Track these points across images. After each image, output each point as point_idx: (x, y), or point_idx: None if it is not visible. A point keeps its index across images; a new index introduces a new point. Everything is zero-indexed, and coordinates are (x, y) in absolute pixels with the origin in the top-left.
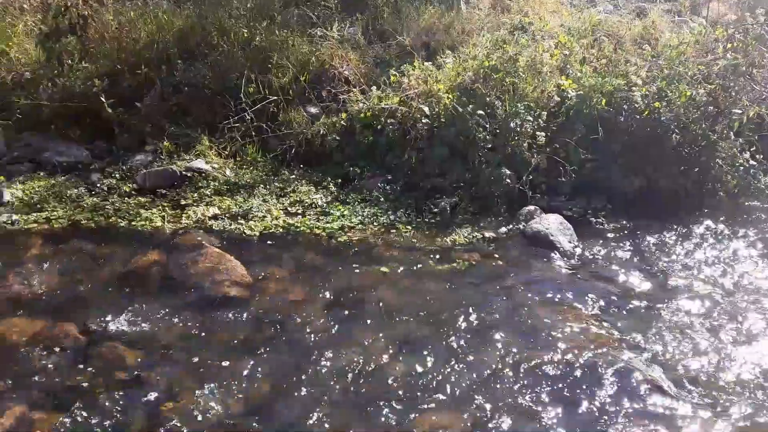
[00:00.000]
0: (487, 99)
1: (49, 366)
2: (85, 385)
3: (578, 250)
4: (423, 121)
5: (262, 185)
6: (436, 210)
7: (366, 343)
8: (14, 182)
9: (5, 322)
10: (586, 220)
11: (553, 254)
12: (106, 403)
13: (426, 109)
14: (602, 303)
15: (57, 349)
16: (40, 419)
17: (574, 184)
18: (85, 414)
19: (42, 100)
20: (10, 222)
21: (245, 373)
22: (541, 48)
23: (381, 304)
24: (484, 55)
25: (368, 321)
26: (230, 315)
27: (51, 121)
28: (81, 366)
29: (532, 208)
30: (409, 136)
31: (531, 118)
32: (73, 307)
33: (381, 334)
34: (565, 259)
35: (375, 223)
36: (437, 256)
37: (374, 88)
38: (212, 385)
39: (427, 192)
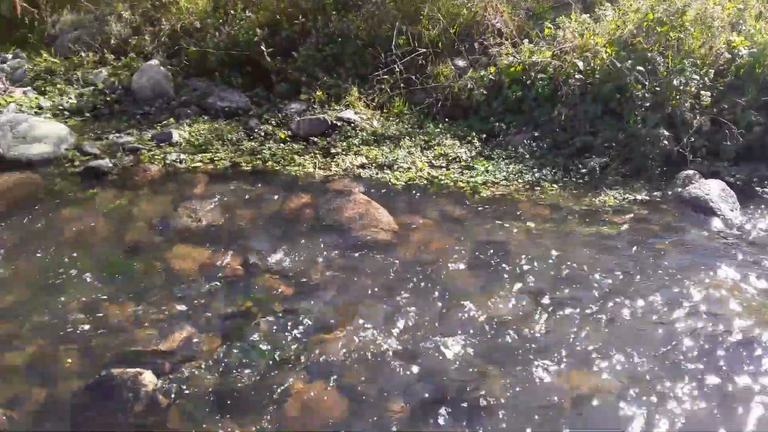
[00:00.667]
0: (648, 54)
1: (214, 292)
2: (245, 312)
3: (740, 220)
4: (576, 76)
5: (407, 137)
6: (584, 170)
7: (507, 297)
8: (182, 124)
9: (176, 250)
10: (750, 188)
11: (711, 222)
12: (264, 331)
13: (580, 63)
14: (764, 278)
15: (220, 277)
16: (205, 341)
17: (740, 149)
18: (244, 339)
19: (208, 47)
20: (178, 160)
21: (390, 314)
22: (713, 1)
23: (523, 259)
24: (648, 8)
25: (510, 275)
26: (377, 258)
27: (215, 69)
28: (241, 294)
29: (690, 172)
30: (560, 92)
31: (697, 77)
32: (234, 240)
33: (522, 289)
34: (726, 228)
35: (519, 180)
36: (584, 217)
37: (526, 41)
38: (360, 322)
39: (576, 150)
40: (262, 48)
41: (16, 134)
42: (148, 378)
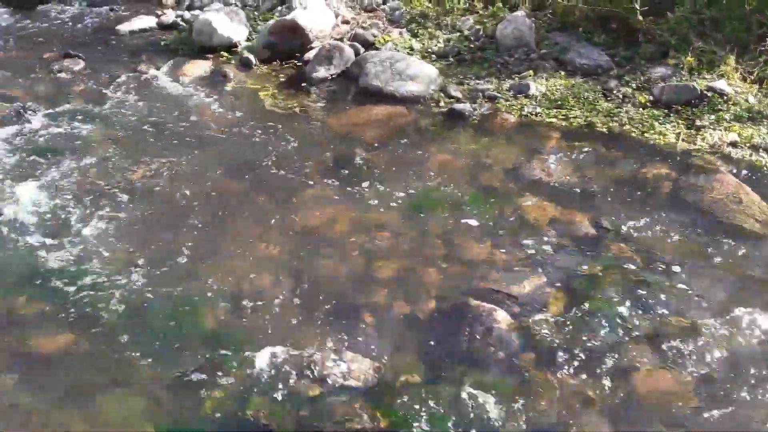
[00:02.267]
0: None
1: (563, 248)
2: (593, 275)
3: None
4: None
5: None
6: None
7: None
8: (540, 77)
9: (527, 200)
10: None
11: None
12: (613, 299)
13: None
14: None
15: (569, 235)
16: (553, 294)
17: None
18: (592, 302)
19: (577, 2)
20: (534, 113)
21: (758, 317)
22: None
23: None
24: None
25: None
26: (742, 249)
27: (578, 24)
28: (590, 257)
29: None
30: None
31: None
32: (585, 200)
33: None
34: None
35: None
36: None
37: None
38: (719, 314)
39: None
40: (635, 5)
41: (394, 71)
42: (502, 317)
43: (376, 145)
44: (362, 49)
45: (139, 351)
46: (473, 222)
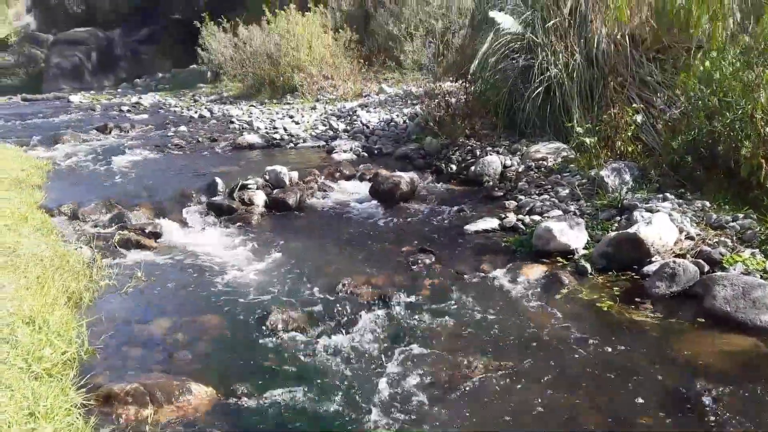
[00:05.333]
0: None
1: None
2: None
3: None
4: None
5: None
6: None
7: None
8: None
9: None
10: None
11: None
12: None
13: None
14: None
15: None
16: None
17: None
18: None
19: None
20: None
21: None
22: None
23: None
24: None
25: None
26: None
27: None
28: None
29: None
30: None
31: None
32: None
33: None
34: None
35: None
36: None
37: None
38: None
39: None
40: None
41: (747, 297)
42: None
43: (722, 378)
44: (707, 267)
45: None
46: None
